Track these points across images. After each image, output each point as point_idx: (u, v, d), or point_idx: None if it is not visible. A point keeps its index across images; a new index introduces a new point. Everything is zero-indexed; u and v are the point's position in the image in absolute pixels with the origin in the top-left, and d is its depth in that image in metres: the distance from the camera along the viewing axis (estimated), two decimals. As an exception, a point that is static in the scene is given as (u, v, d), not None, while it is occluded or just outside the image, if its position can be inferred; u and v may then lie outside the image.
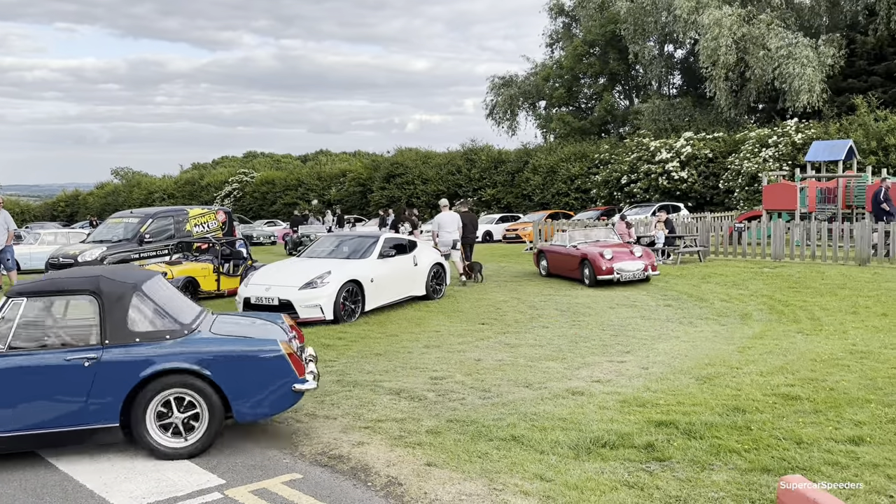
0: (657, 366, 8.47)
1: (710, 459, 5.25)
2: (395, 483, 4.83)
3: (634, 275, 15.89)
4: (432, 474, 4.97)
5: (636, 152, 37.96)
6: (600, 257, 15.72)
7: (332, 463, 5.25)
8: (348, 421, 6.26)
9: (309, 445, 5.62)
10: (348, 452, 5.42)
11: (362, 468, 5.11)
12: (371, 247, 13.78)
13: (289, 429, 6.04)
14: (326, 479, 4.98)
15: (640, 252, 16.40)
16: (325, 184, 54.57)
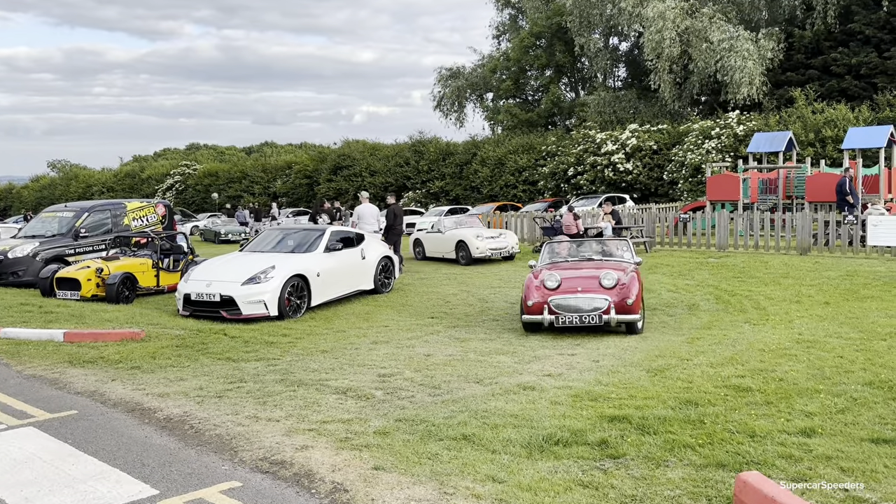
0: (607, 358, 8.38)
1: (664, 455, 5.14)
2: (341, 489, 4.59)
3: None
4: (380, 479, 4.74)
5: (582, 144, 38.22)
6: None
7: (274, 469, 4.98)
8: (292, 423, 5.99)
9: (249, 450, 5.33)
10: (291, 457, 5.15)
11: (306, 474, 4.85)
12: (317, 240, 13.43)
13: (228, 432, 5.73)
14: (268, 486, 4.71)
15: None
16: (270, 176, 53.66)
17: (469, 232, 19.74)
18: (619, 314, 9.73)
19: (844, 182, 20.21)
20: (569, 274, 10.49)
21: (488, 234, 19.90)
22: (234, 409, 6.37)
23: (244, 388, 7.10)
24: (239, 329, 10.65)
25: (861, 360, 7.75)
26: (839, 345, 8.56)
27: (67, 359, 8.46)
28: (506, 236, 20.15)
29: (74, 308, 12.17)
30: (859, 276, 14.38)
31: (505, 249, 19.57)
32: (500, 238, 19.91)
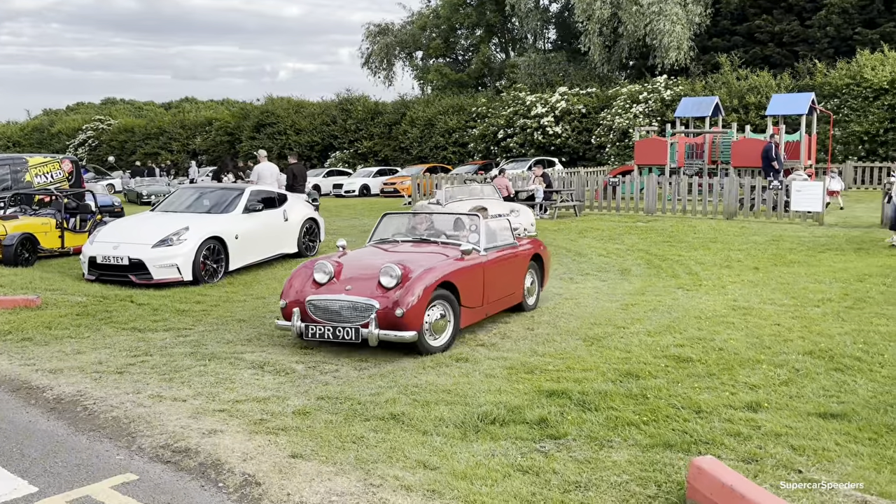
0: (542, 326, 8.03)
1: (608, 435, 4.79)
2: (252, 482, 4.06)
3: None
4: (298, 468, 4.23)
5: (512, 106, 37.86)
6: None
7: (177, 458, 4.40)
8: (200, 403, 5.39)
9: (149, 437, 4.72)
10: (197, 444, 4.57)
11: (213, 464, 4.30)
12: (235, 200, 12.61)
13: (127, 415, 5.10)
14: (168, 479, 4.13)
15: None
16: (189, 133, 51.46)
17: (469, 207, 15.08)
18: (383, 328, 6.57)
19: (770, 148, 20.42)
20: (357, 262, 7.49)
21: (494, 211, 14.95)
22: (135, 388, 5.72)
23: (149, 363, 6.43)
24: (148, 295, 9.86)
25: (798, 327, 7.61)
26: (774, 312, 8.43)
27: (-52, 329, 7.58)
28: (519, 214, 15.33)
29: (-35, 272, 11.10)
30: (784, 240, 14.49)
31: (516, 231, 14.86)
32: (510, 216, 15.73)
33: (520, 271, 8.60)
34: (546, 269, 9.40)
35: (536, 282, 9.12)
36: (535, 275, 9.07)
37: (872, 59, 29.50)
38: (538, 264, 9.17)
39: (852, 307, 8.55)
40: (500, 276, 8.05)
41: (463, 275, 7.32)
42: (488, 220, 8.88)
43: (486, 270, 7.76)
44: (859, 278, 10.38)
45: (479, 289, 7.61)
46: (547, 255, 9.48)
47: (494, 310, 8.03)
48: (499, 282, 8.01)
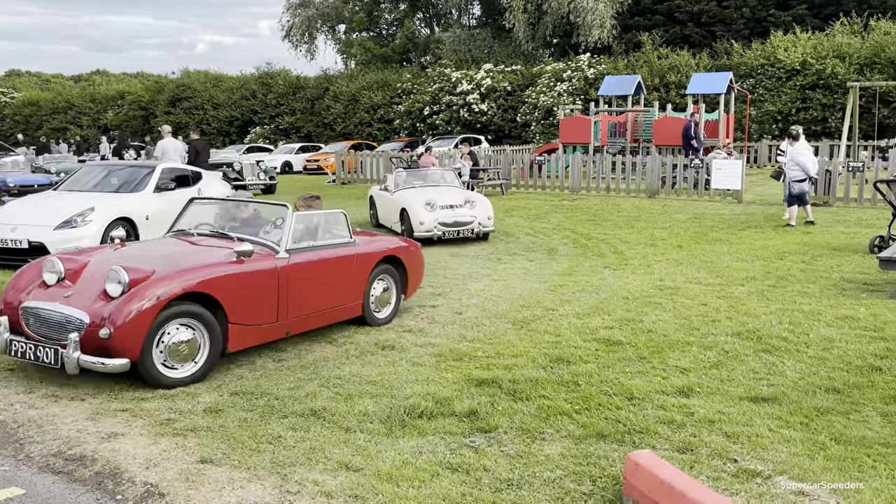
0: (471, 309, 7.80)
1: (540, 426, 4.59)
2: (156, 493, 3.68)
3: None
4: (207, 476, 3.86)
5: (438, 83, 37.48)
6: None
7: (70, 468, 3.97)
8: (101, 402, 4.93)
9: (40, 443, 4.26)
10: (94, 450, 4.15)
11: (111, 473, 3.89)
12: (146, 178, 11.91)
13: (15, 418, 4.61)
14: (59, 493, 3.71)
15: None
16: (100, 107, 49.12)
17: (418, 197, 12.80)
18: (89, 351, 5.03)
19: (690, 126, 20.72)
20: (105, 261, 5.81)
21: (446, 201, 12.65)
22: (28, 386, 5.21)
23: (45, 357, 5.89)
24: (49, 281, 9.17)
25: (724, 307, 7.61)
26: (700, 291, 8.43)
27: None
28: (475, 205, 12.74)
29: None
30: (706, 218, 14.69)
31: (469, 226, 12.42)
32: (463, 208, 12.63)
33: (357, 277, 6.89)
34: (413, 274, 7.68)
35: (394, 290, 7.38)
36: (390, 281, 7.35)
37: (785, 41, 30.35)
38: (398, 268, 7.46)
39: (775, 286, 8.64)
40: (318, 284, 6.45)
41: (230, 283, 5.58)
42: (313, 212, 7.05)
43: (288, 277, 6.11)
44: (780, 256, 10.54)
45: (270, 301, 5.95)
46: (414, 257, 7.73)
47: (309, 326, 6.46)
48: (314, 291, 6.40)
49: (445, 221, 12.27)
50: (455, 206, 12.57)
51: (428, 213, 12.28)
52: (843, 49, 28.90)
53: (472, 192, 13.46)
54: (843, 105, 24.37)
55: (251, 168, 22.35)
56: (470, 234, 12.39)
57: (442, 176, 14.22)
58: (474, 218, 12.39)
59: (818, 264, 9.89)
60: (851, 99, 21.99)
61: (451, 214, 12.35)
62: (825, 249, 11.02)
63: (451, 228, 12.28)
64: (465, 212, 12.45)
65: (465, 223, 12.32)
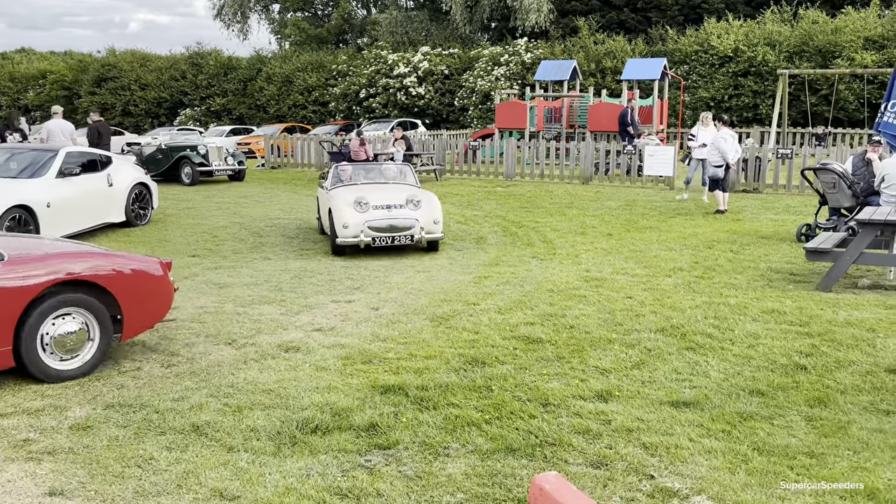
0: (389, 305, 7.37)
1: (445, 440, 4.19)
2: (-15, 539, 3.16)
3: None
4: (52, 513, 3.35)
5: (374, 65, 36.73)
6: None
7: None
8: (-50, 421, 4.34)
9: None
10: (-75, 484, 3.58)
11: (-62, 513, 3.35)
12: (48, 163, 11.10)
13: None
14: None
15: None
16: (20, 86, 46.79)
17: (348, 194, 10.27)
18: None
19: (626, 112, 20.62)
20: None
21: (382, 200, 10.20)
22: None
23: None
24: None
25: (650, 300, 7.35)
26: (627, 283, 8.17)
27: None
28: (419, 205, 10.19)
29: None
30: (637, 205, 14.56)
31: (407, 232, 9.90)
32: (403, 209, 10.10)
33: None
34: (135, 308, 5.51)
35: (96, 328, 5.27)
36: (87, 317, 5.23)
37: (718, 28, 30.58)
38: (108, 299, 5.34)
39: (702, 276, 8.44)
40: None
41: None
42: None
43: None
44: (708, 244, 10.40)
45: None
46: (139, 283, 5.61)
47: None
48: None
49: (377, 225, 9.81)
50: (393, 205, 10.09)
51: (355, 214, 9.85)
52: (773, 37, 29.27)
53: (421, 191, 10.61)
54: (774, 92, 24.64)
55: (217, 152, 20.15)
56: (408, 240, 9.90)
57: (399, 172, 11.69)
58: (416, 222, 9.92)
59: (746, 253, 9.77)
60: (781, 86, 22.22)
61: (386, 216, 9.91)
62: (753, 238, 10.93)
63: (384, 234, 9.82)
64: (404, 214, 9.99)
65: (403, 228, 9.89)
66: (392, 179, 11.38)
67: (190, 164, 19.35)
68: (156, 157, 20.05)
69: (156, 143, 21.98)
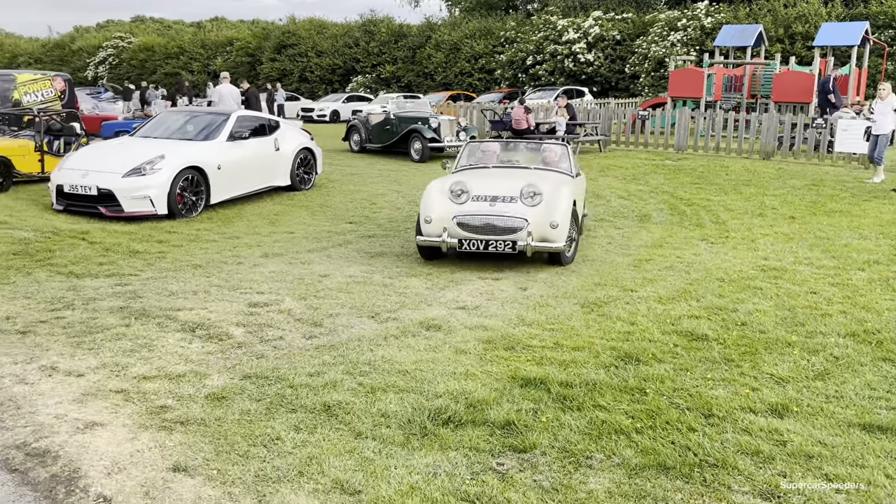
0: (538, 285, 6.95)
1: (588, 448, 3.75)
2: (104, 512, 3.10)
3: None
4: (171, 491, 3.26)
5: (543, 31, 35.87)
6: None
7: (28, 466, 3.45)
8: (99, 379, 4.44)
9: (10, 429, 3.79)
10: (62, 445, 3.63)
11: (69, 477, 3.35)
12: (219, 127, 11.52)
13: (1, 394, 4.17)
14: (2, 499, 3.19)
15: None
16: (209, 53, 50.03)
17: (453, 180, 7.95)
18: None
19: (828, 80, 18.62)
20: None
21: (490, 190, 7.76)
22: (29, 355, 4.78)
23: (65, 320, 5.49)
24: (107, 231, 8.93)
25: (839, 298, 6.44)
26: (811, 275, 7.24)
27: None
28: (539, 200, 7.57)
29: (-75, 198, 10.24)
30: (826, 185, 13.11)
31: (510, 235, 7.41)
32: (514, 202, 7.61)
33: None
34: None
35: None
36: None
37: (935, -13, 27.08)
38: None
39: (904, 273, 7.33)
40: None
41: None
42: None
43: None
44: (911, 235, 9.09)
45: None
46: None
47: None
48: None
49: (469, 221, 7.41)
50: (501, 197, 7.58)
51: (444, 205, 7.59)
52: None
53: (550, 181, 7.98)
54: None
55: (449, 125, 17.78)
56: (508, 248, 7.30)
57: (551, 154, 9.16)
58: (524, 223, 7.33)
59: (960, 247, 8.43)
60: None
61: (485, 211, 7.45)
62: (969, 229, 9.45)
63: (477, 236, 7.37)
64: (511, 210, 7.42)
65: (504, 229, 7.35)
66: (533, 163, 8.97)
67: (421, 138, 17.33)
68: (384, 127, 18.39)
69: (379, 111, 20.15)
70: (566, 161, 8.96)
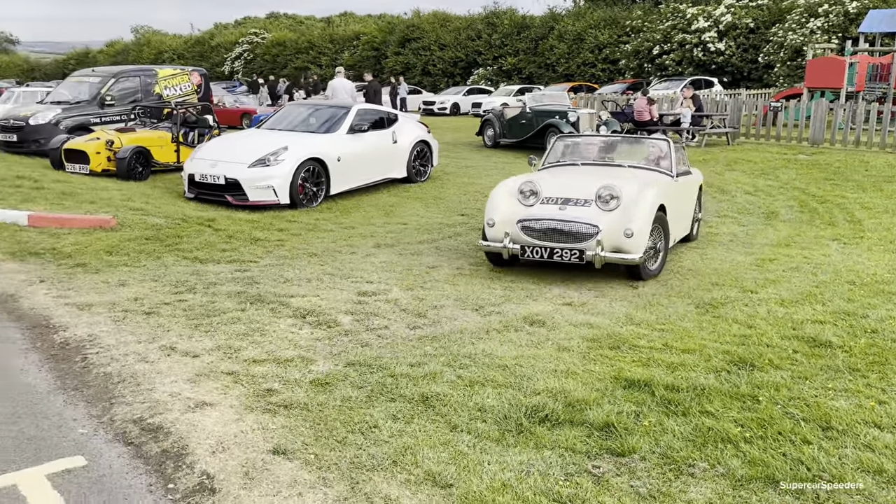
0: (650, 283, 6.73)
1: (691, 455, 3.58)
2: (207, 489, 3.24)
3: None
4: (270, 473, 3.37)
5: (671, 20, 34.68)
6: None
7: (142, 440, 3.66)
8: (212, 361, 4.65)
9: (129, 404, 4.03)
10: (174, 422, 3.82)
11: (177, 454, 3.52)
12: (340, 119, 11.84)
13: (121, 372, 4.45)
14: (117, 470, 3.40)
15: None
16: (337, 47, 51.55)
17: (525, 179, 7.36)
18: None
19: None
20: None
21: (563, 191, 7.07)
22: (152, 335, 5.07)
23: (186, 303, 5.79)
24: (232, 220, 9.36)
25: None
26: (957, 282, 6.63)
27: (15, 248, 7.33)
28: (615, 203, 6.80)
29: (75, 184, 11.09)
30: (982, 184, 11.98)
31: (578, 243, 6.68)
32: (586, 207, 6.87)
33: None
34: None
35: None
36: None
37: None
38: None
39: None
40: None
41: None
42: None
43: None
44: None
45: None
46: None
47: None
48: None
49: (534, 225, 6.79)
50: (574, 200, 6.87)
51: (510, 207, 7.04)
52: None
53: (643, 179, 7.29)
54: None
55: (589, 119, 17.08)
56: (575, 258, 6.60)
57: (643, 150, 8.44)
58: (595, 230, 6.57)
59: None
60: None
61: (553, 215, 6.78)
62: None
63: (541, 243, 6.75)
64: (582, 215, 6.70)
65: (572, 235, 6.64)
66: (629, 160, 8.20)
67: (557, 132, 15.89)
68: (519, 121, 18.03)
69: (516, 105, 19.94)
70: (668, 159, 7.98)
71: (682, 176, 8.01)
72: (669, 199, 7.22)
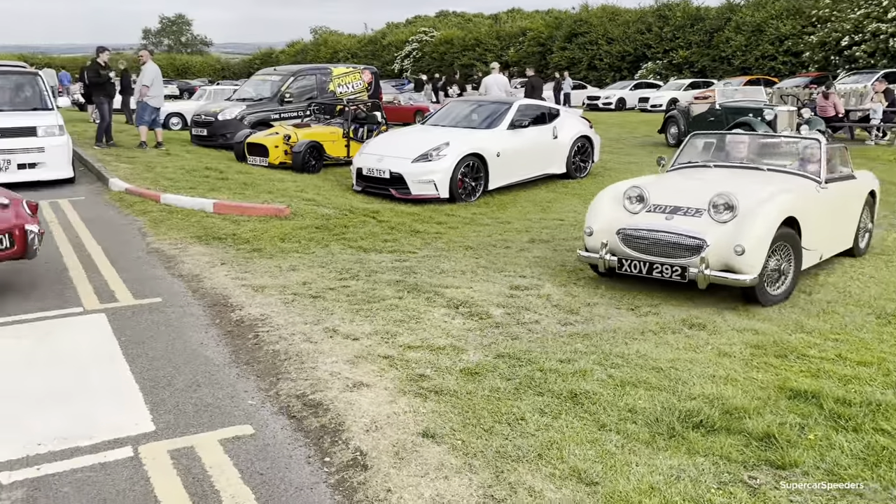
0: (825, 289, 6.28)
1: (860, 474, 3.32)
2: (360, 465, 3.40)
3: None
4: (418, 454, 3.48)
5: (864, 8, 31.94)
6: None
7: (304, 414, 3.90)
8: (370, 344, 4.87)
9: (294, 381, 4.30)
10: (333, 399, 4.04)
11: (335, 429, 3.72)
12: (501, 115, 11.94)
13: (287, 350, 4.75)
14: (281, 440, 3.65)
15: None
16: (503, 43, 51.85)
17: (638, 183, 6.71)
18: None
19: None
20: None
21: (676, 199, 6.32)
22: (317, 317, 5.38)
23: (349, 289, 6.08)
24: (395, 212, 9.70)
25: None
26: None
27: (202, 232, 8.01)
28: (727, 214, 5.93)
29: (255, 175, 11.95)
30: None
31: (681, 259, 5.95)
32: (697, 217, 6.08)
33: None
34: None
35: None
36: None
37: None
38: None
39: None
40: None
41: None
42: None
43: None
44: None
45: None
46: None
47: None
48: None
49: (634, 235, 6.16)
50: (685, 209, 6.13)
51: (613, 214, 6.46)
52: None
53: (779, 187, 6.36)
54: None
55: (788, 117, 15.41)
56: (676, 275, 5.89)
57: (788, 151, 7.54)
58: (701, 244, 5.83)
59: None
60: None
61: (657, 226, 6.10)
62: None
63: (641, 255, 6.10)
64: (689, 226, 5.96)
65: (673, 249, 5.95)
66: (771, 163, 7.26)
67: (751, 132, 16.40)
68: (707, 119, 16.76)
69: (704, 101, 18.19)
70: (817, 162, 6.82)
71: (835, 182, 6.91)
72: (807, 210, 6.24)
